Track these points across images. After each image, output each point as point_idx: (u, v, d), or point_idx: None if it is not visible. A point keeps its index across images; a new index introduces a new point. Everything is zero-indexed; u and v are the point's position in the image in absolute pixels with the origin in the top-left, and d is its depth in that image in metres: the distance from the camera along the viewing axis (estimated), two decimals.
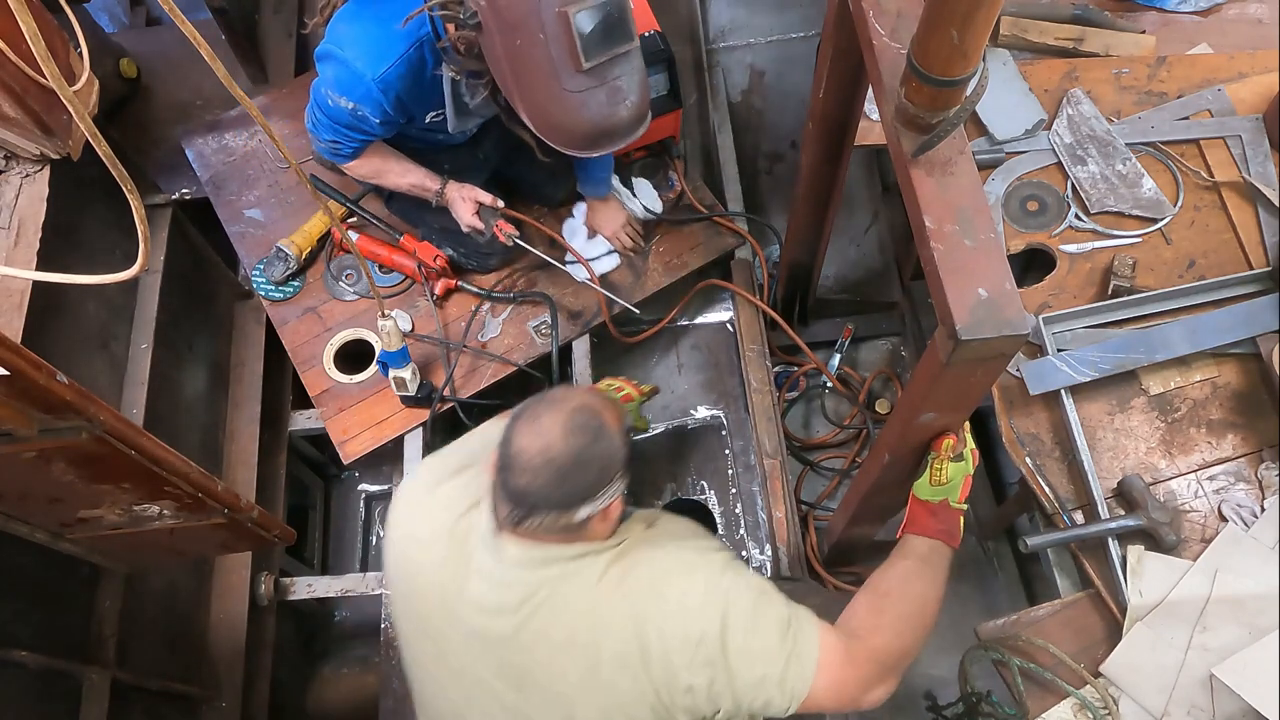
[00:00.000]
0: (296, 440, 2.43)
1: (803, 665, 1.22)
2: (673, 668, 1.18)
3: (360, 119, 1.79)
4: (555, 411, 1.20)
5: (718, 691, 1.20)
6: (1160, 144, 1.98)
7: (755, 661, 1.20)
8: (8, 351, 0.92)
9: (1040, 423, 1.75)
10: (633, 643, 1.19)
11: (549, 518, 1.19)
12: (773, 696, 1.21)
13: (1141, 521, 1.59)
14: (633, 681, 1.19)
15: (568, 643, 1.21)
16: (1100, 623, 1.61)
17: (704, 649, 1.18)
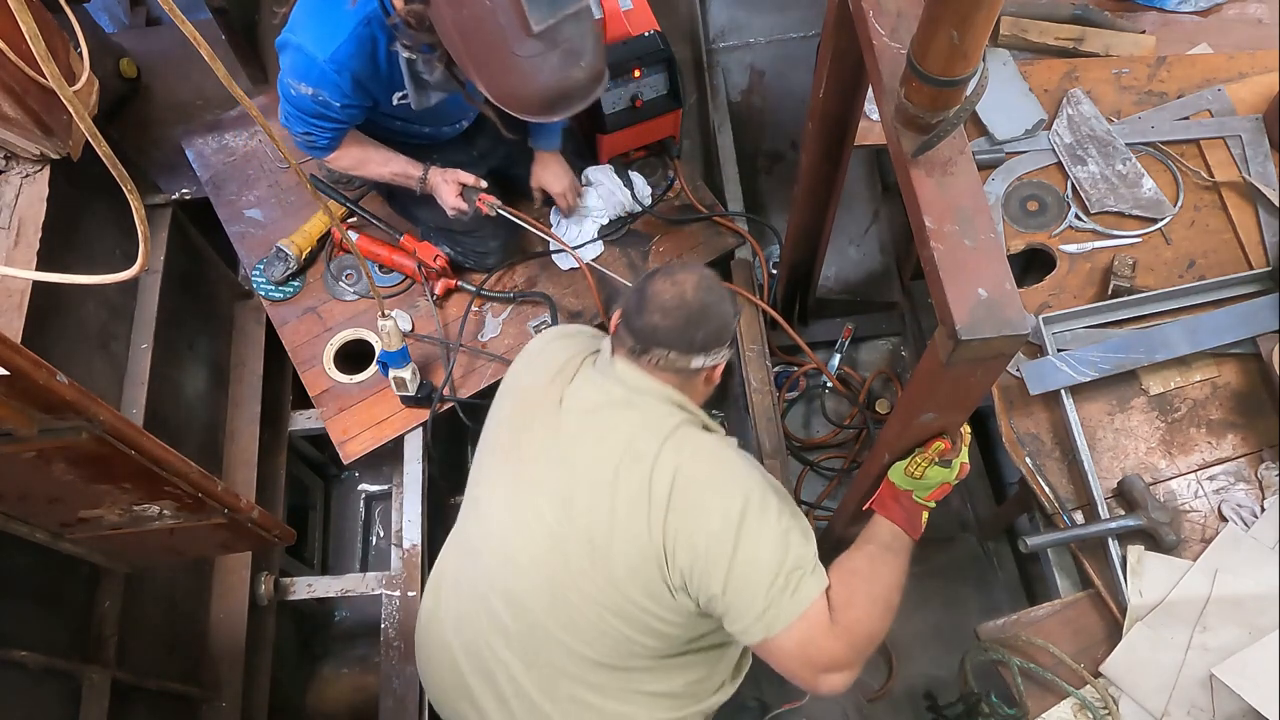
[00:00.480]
0: (296, 440, 2.43)
1: (791, 605, 1.25)
2: (688, 523, 1.26)
3: (323, 104, 1.79)
4: (689, 271, 1.39)
5: (710, 563, 1.25)
6: (1160, 144, 1.98)
7: (756, 564, 1.25)
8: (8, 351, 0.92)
9: (1040, 423, 1.75)
10: (664, 487, 1.27)
11: (669, 356, 1.35)
12: (748, 608, 1.25)
13: (1141, 521, 1.59)
14: (646, 520, 1.27)
15: (617, 458, 1.31)
16: (1100, 623, 1.61)
17: (721, 522, 1.25)
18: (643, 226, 2.35)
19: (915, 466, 1.43)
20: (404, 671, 1.98)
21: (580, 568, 1.32)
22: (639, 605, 1.31)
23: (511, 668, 1.42)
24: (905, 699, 2.35)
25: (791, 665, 1.28)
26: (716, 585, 1.25)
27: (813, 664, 1.28)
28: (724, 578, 1.25)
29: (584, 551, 1.31)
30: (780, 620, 1.25)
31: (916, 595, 2.46)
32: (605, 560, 1.30)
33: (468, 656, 1.48)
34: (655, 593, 1.30)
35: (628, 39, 2.10)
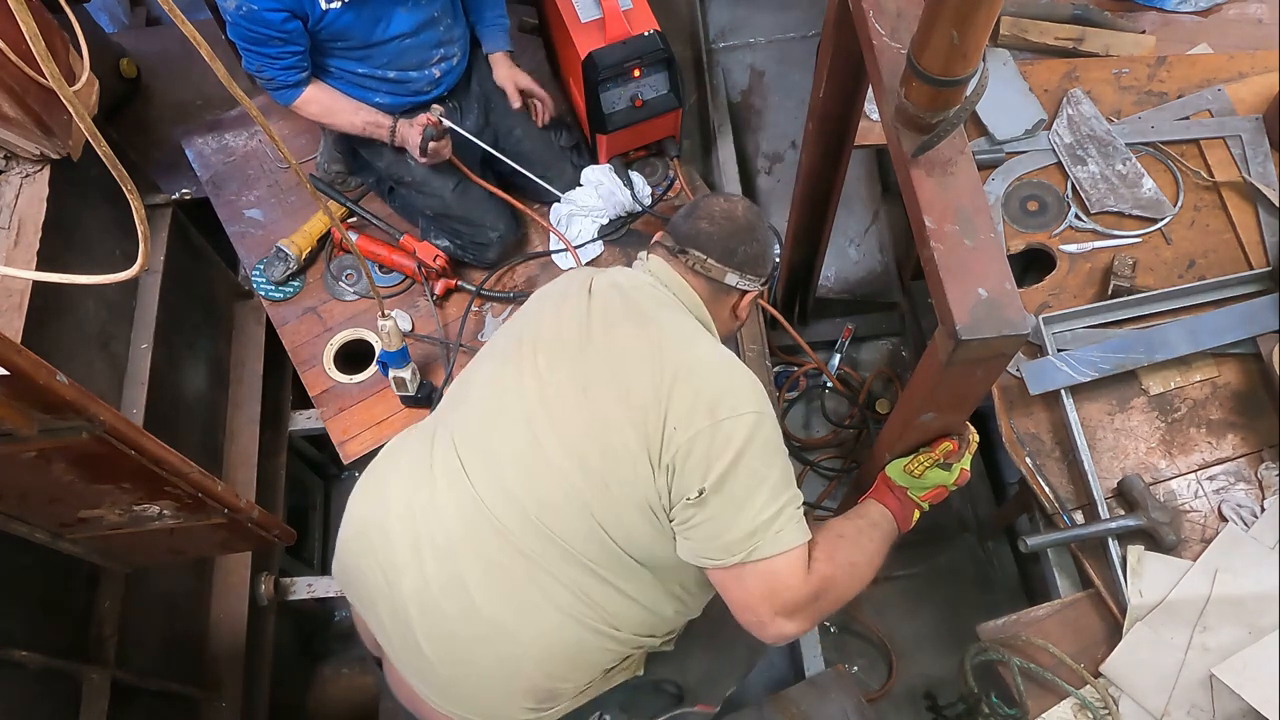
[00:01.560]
0: (296, 440, 2.43)
1: (777, 539, 1.22)
2: (692, 424, 1.20)
3: (252, 19, 1.81)
4: (740, 199, 1.45)
5: (712, 457, 1.19)
6: (1160, 144, 1.98)
7: (759, 481, 1.21)
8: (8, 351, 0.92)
9: (1040, 423, 1.75)
10: (685, 388, 1.22)
11: (706, 262, 1.37)
12: (734, 524, 1.21)
13: (1141, 521, 1.59)
14: (656, 379, 1.23)
15: (639, 324, 1.30)
16: (1100, 623, 1.61)
17: (734, 425, 1.20)
18: (643, 226, 2.35)
19: (917, 465, 1.43)
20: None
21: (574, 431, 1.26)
22: (621, 476, 1.24)
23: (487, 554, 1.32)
24: (905, 699, 2.36)
25: (751, 599, 1.24)
26: (712, 477, 1.19)
27: (775, 603, 1.24)
28: (721, 476, 1.19)
29: (575, 395, 1.27)
30: (764, 548, 1.21)
31: (916, 595, 2.49)
32: (594, 403, 1.25)
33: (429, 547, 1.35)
34: (637, 458, 1.23)
35: (628, 39, 2.10)
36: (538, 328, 1.37)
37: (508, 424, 1.31)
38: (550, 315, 1.38)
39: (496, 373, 1.38)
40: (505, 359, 1.38)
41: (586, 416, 1.25)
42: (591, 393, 1.26)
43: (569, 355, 1.30)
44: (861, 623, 2.43)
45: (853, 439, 2.63)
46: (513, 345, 1.38)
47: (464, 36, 2.18)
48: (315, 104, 2.02)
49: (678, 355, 1.25)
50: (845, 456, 2.62)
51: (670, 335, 1.28)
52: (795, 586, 1.23)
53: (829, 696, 1.95)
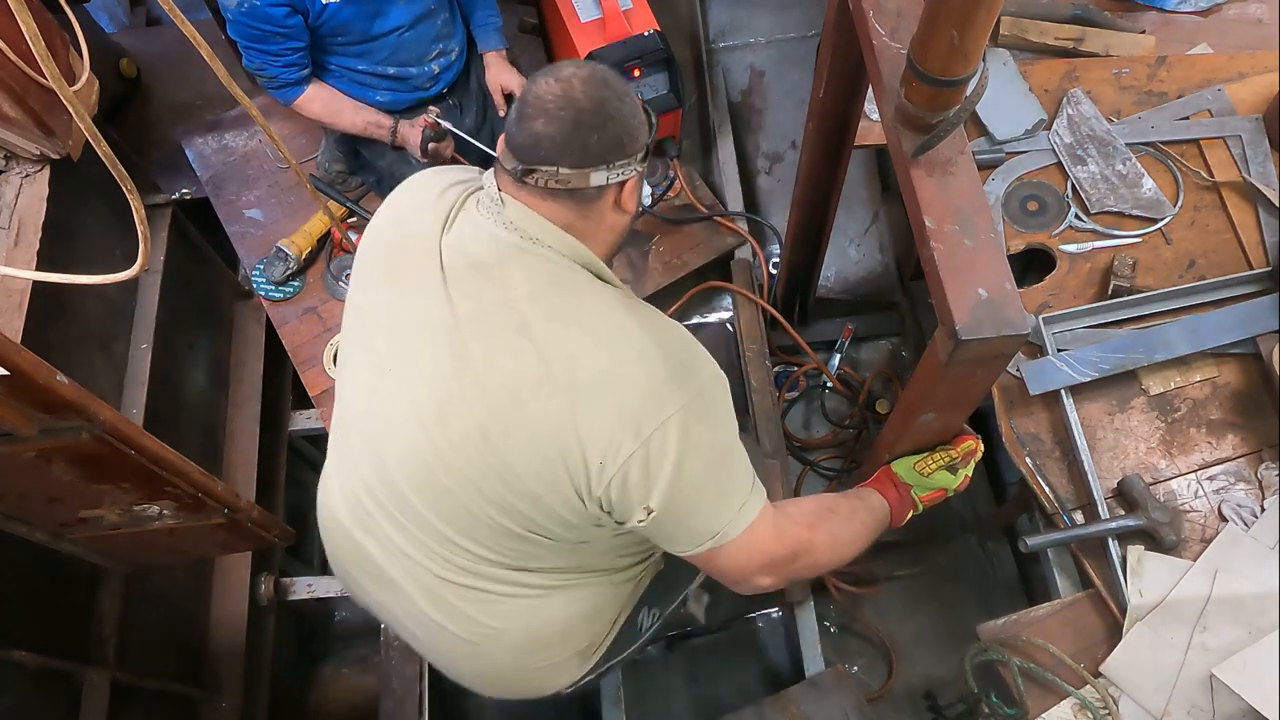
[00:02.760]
0: (296, 440, 2.43)
1: (741, 516, 1.16)
2: (606, 423, 1.06)
3: (253, 16, 1.82)
4: (578, 66, 1.12)
5: (638, 476, 1.07)
6: (1160, 144, 1.98)
7: (703, 492, 1.12)
8: (8, 351, 0.92)
9: (1040, 423, 1.75)
10: (597, 414, 1.06)
11: (559, 174, 1.09)
12: (693, 528, 1.14)
13: (1141, 521, 1.59)
14: (560, 412, 1.06)
15: (518, 331, 1.08)
16: (1100, 623, 1.61)
17: (657, 452, 1.07)
18: (643, 226, 2.35)
19: (928, 464, 1.43)
20: (404, 671, 1.98)
21: (466, 456, 1.13)
22: (540, 507, 1.14)
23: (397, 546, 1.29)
24: (905, 699, 2.36)
25: (727, 570, 1.21)
26: (655, 496, 1.08)
27: (750, 567, 1.21)
28: (665, 491, 1.08)
29: (473, 440, 1.11)
30: (730, 531, 1.15)
31: (916, 595, 2.49)
32: (497, 452, 1.10)
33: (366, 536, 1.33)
34: (561, 496, 1.11)
35: (628, 39, 2.10)
36: (393, 331, 1.19)
37: (399, 448, 1.19)
38: (405, 310, 1.17)
39: (370, 385, 1.24)
40: (370, 369, 1.24)
41: (492, 462, 1.11)
42: (491, 440, 1.10)
43: (444, 379, 1.12)
44: (861, 623, 2.43)
45: (853, 439, 2.63)
46: (371, 355, 1.23)
47: (462, 32, 2.19)
48: (317, 103, 2.03)
49: (576, 373, 1.07)
50: (845, 456, 2.62)
51: (556, 345, 1.08)
52: (769, 549, 1.21)
53: (829, 696, 1.95)
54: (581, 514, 1.13)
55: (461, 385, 1.11)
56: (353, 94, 2.07)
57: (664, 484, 1.08)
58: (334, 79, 2.05)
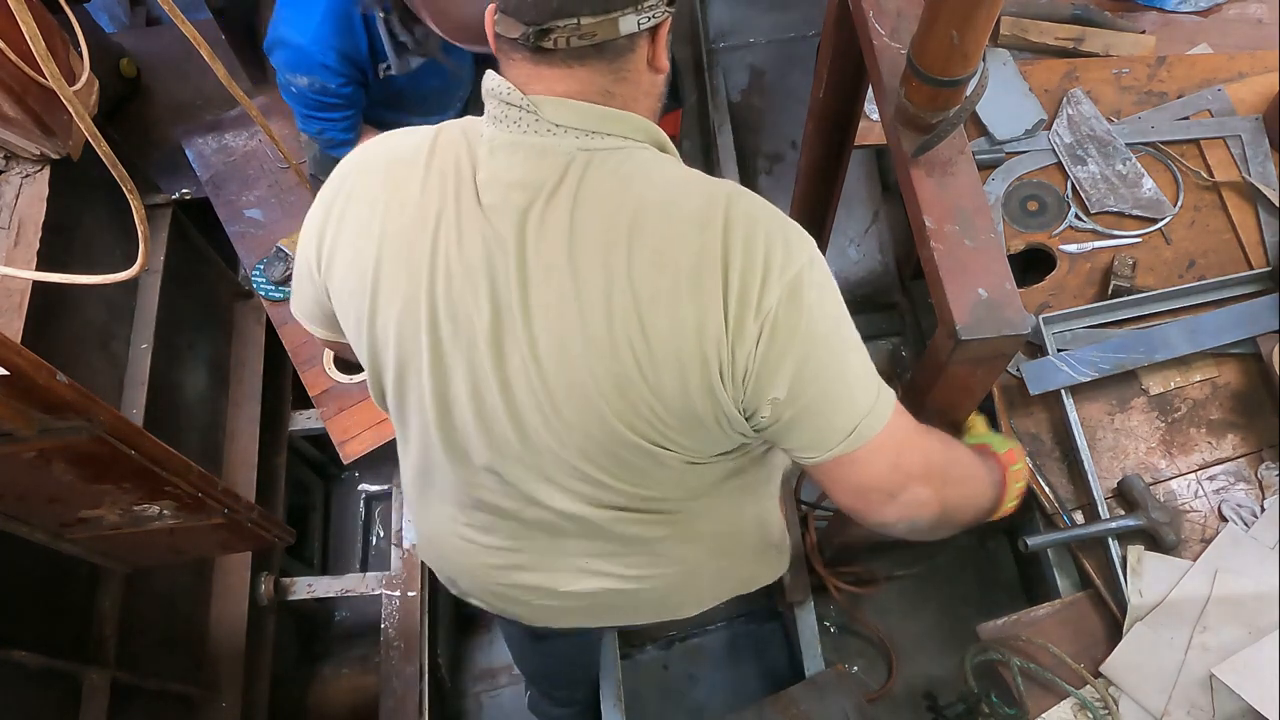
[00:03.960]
0: (296, 440, 2.43)
1: (885, 399, 0.98)
2: (746, 291, 0.90)
3: (321, 91, 1.82)
4: None
5: (774, 359, 0.91)
6: (1160, 144, 1.98)
7: (826, 348, 0.94)
8: (8, 351, 0.92)
9: (1040, 423, 1.75)
10: (695, 257, 0.90)
11: (580, 26, 0.88)
12: (825, 404, 0.95)
13: (1141, 521, 1.59)
14: (679, 311, 0.91)
15: (608, 239, 0.91)
16: (1100, 623, 1.61)
17: (784, 327, 0.91)
18: None
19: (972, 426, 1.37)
20: (404, 671, 1.98)
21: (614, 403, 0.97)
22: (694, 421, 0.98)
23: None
24: (905, 699, 2.36)
25: (873, 476, 1.01)
26: (780, 386, 0.93)
27: (906, 469, 1.01)
28: (790, 375, 0.92)
29: (604, 380, 0.96)
30: (870, 426, 0.97)
31: (916, 595, 2.49)
32: (634, 384, 0.95)
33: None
34: (700, 406, 0.96)
35: None
36: (450, 303, 0.98)
37: (538, 424, 1.03)
38: (444, 272, 0.97)
39: (465, 378, 1.02)
40: (454, 369, 1.03)
41: (633, 398, 0.96)
42: (627, 373, 0.94)
43: (558, 328, 0.95)
44: (861, 623, 2.44)
45: None
46: (441, 357, 1.01)
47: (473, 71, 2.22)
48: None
49: (682, 264, 0.90)
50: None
51: (656, 244, 0.90)
52: (920, 444, 1.04)
53: (829, 696, 1.95)
54: (719, 420, 0.99)
55: (574, 329, 0.94)
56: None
57: (790, 364, 0.92)
58: (369, 123, 2.07)
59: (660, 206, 0.91)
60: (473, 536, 1.25)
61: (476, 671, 2.53)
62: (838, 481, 1.03)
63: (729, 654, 2.51)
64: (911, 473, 1.03)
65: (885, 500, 1.03)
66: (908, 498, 1.03)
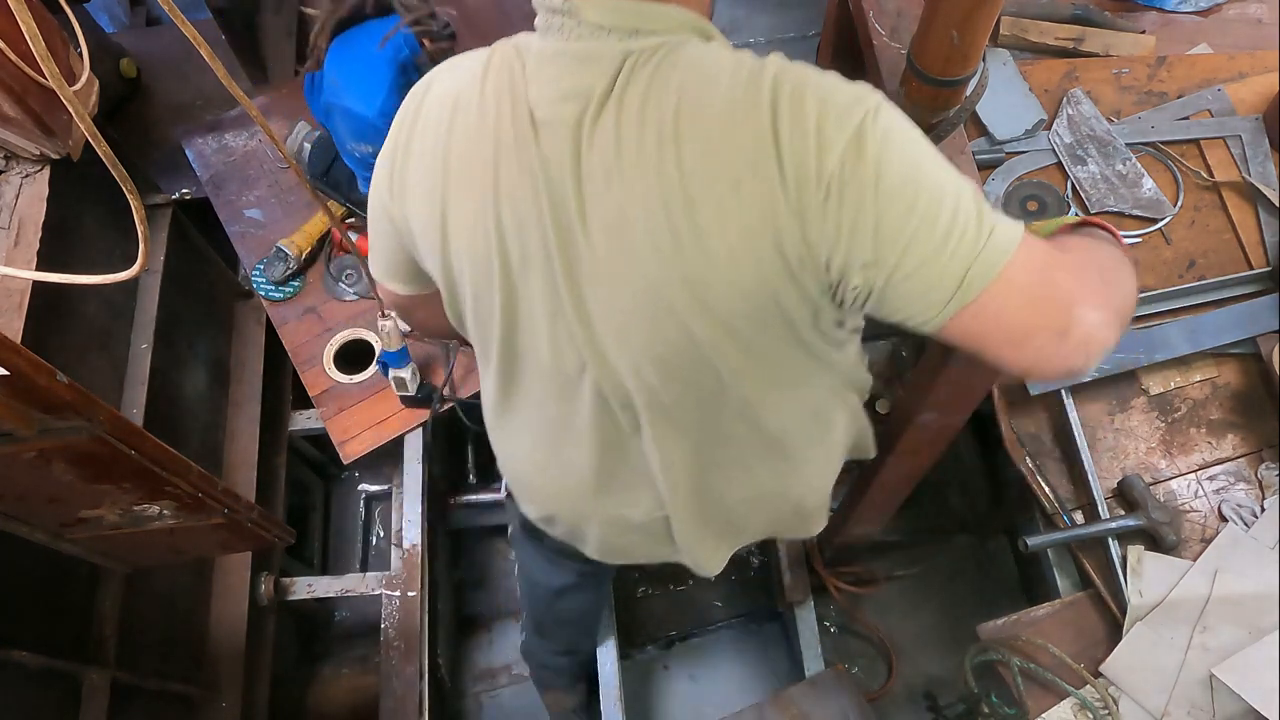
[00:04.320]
0: (296, 440, 2.43)
1: (1007, 228, 0.86)
2: (808, 154, 0.84)
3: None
4: None
5: (850, 222, 0.84)
6: (1160, 144, 1.98)
7: (918, 199, 0.84)
8: (8, 351, 0.92)
9: (1040, 423, 1.75)
10: (766, 133, 0.84)
11: None
12: (932, 260, 0.84)
13: (1141, 521, 1.59)
14: (752, 194, 0.85)
15: (658, 140, 0.87)
16: (1100, 623, 1.61)
17: (856, 184, 0.83)
18: None
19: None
20: (404, 671, 1.98)
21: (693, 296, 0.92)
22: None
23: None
24: (905, 699, 2.36)
25: (1023, 319, 0.87)
26: (865, 248, 0.85)
27: (1060, 298, 0.87)
28: (874, 232, 0.84)
29: (685, 281, 0.91)
30: (995, 256, 0.84)
31: (916, 595, 2.49)
32: (720, 277, 0.90)
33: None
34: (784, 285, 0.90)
35: None
36: (516, 225, 0.96)
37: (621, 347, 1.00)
38: (507, 194, 0.95)
39: (544, 305, 1.00)
40: (530, 290, 1.00)
41: (719, 292, 0.91)
42: (703, 275, 0.90)
43: (633, 242, 0.91)
44: (861, 623, 2.44)
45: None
46: (495, 259, 0.99)
47: None
48: None
49: (729, 154, 0.85)
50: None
51: (695, 140, 0.86)
52: (1063, 278, 0.89)
53: (829, 696, 1.95)
54: (802, 309, 0.94)
55: (637, 236, 0.91)
56: None
57: (868, 222, 0.84)
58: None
59: (705, 98, 0.86)
60: (554, 459, 1.21)
61: (476, 671, 2.53)
62: (986, 339, 0.89)
63: (729, 654, 2.51)
64: (1070, 297, 0.88)
65: (1058, 341, 0.88)
66: (1081, 331, 0.88)
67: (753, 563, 2.63)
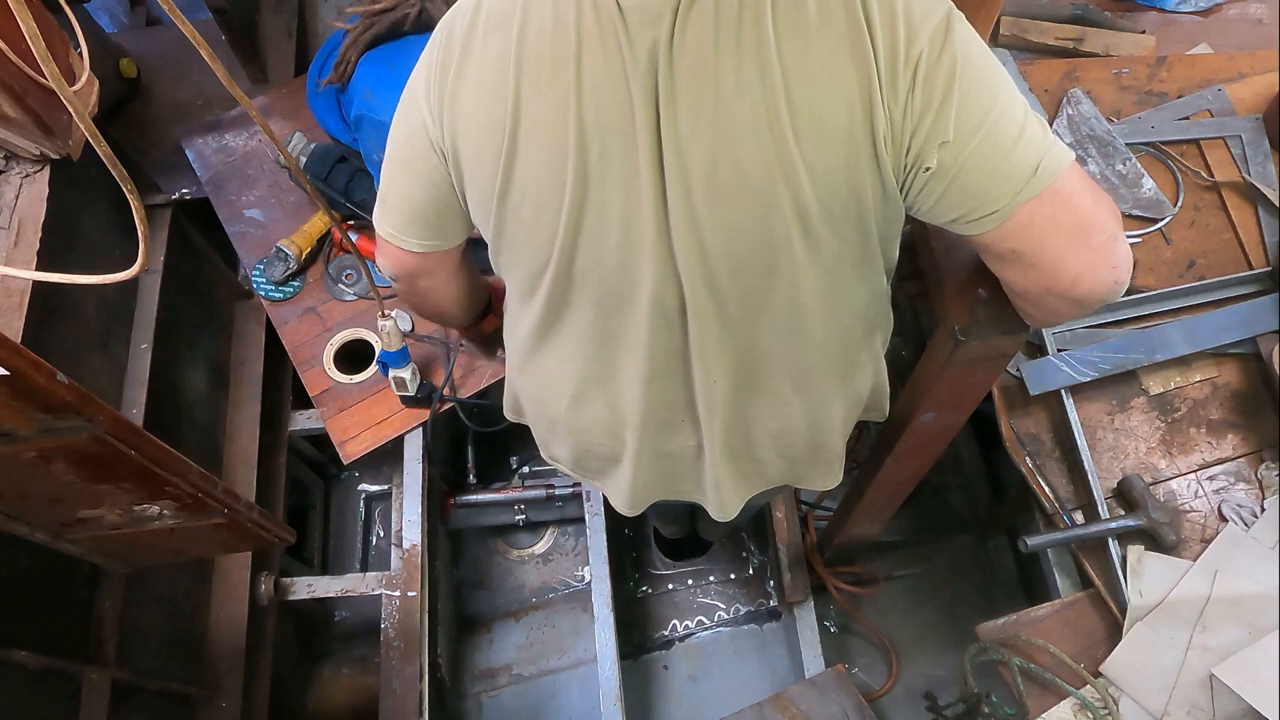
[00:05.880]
0: (296, 440, 2.43)
1: (1058, 142, 0.92)
2: (898, 40, 0.88)
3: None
4: None
5: (936, 100, 0.88)
6: (1160, 144, 1.98)
7: (997, 88, 0.90)
8: (8, 351, 0.92)
9: (1040, 423, 1.75)
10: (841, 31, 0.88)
11: None
12: (1010, 146, 0.89)
13: (1141, 521, 1.59)
14: (830, 77, 0.88)
15: (754, 19, 0.88)
16: (1100, 623, 1.61)
17: (936, 81, 0.88)
18: None
19: None
20: (404, 671, 1.98)
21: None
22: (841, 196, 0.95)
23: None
24: (905, 699, 2.36)
25: (1089, 211, 0.93)
26: (946, 128, 0.89)
27: (1111, 209, 0.95)
28: (958, 112, 0.88)
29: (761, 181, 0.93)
30: (1062, 154, 0.91)
31: (916, 595, 2.49)
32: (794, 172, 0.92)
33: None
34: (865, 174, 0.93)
35: None
36: (599, 121, 0.94)
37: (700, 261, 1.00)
38: (591, 88, 0.93)
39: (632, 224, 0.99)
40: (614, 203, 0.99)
41: (795, 184, 0.92)
42: (784, 162, 0.91)
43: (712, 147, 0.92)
44: (861, 623, 2.44)
45: (852, 438, 2.62)
46: (571, 160, 0.96)
47: None
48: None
49: (823, 33, 0.88)
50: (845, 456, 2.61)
51: (789, 21, 0.88)
52: (1102, 207, 0.95)
53: (829, 696, 1.95)
54: (879, 196, 0.96)
55: (734, 122, 0.91)
56: None
57: (953, 102, 0.88)
58: None
59: None
60: (599, 389, 1.21)
61: (476, 672, 2.53)
62: (1049, 235, 0.93)
63: (729, 654, 2.51)
64: (1114, 212, 0.96)
65: (1112, 244, 0.94)
66: (1126, 245, 0.95)
67: (753, 563, 2.63)
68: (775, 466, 1.31)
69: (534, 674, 2.51)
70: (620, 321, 1.10)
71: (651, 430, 1.22)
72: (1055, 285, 0.98)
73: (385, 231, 1.18)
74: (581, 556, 2.67)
